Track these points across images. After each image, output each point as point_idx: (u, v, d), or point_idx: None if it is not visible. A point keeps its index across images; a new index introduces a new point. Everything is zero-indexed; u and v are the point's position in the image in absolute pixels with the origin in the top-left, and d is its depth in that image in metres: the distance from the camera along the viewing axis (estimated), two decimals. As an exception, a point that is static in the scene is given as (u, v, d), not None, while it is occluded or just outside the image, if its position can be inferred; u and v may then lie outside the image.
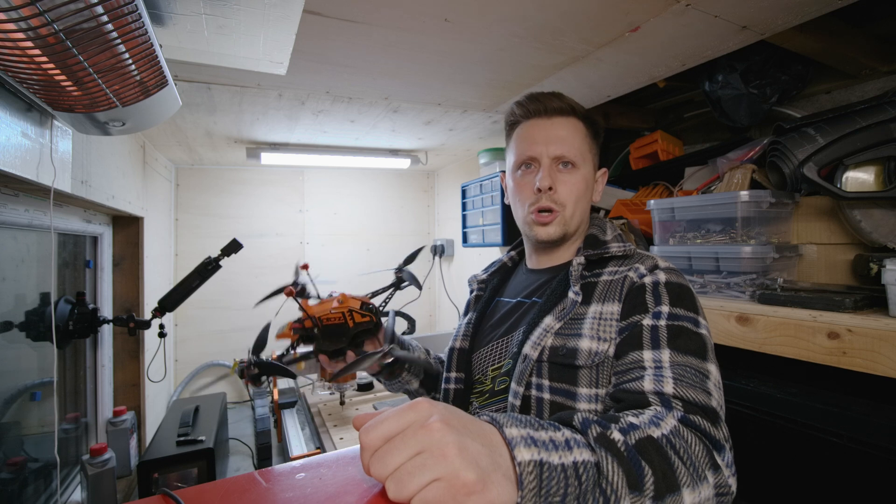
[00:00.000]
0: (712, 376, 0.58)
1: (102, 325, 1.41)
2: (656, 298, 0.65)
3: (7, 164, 0.78)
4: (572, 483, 0.40)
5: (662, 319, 0.63)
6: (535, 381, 0.69)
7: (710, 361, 0.60)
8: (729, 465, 0.49)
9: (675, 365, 0.58)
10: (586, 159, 0.79)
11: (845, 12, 0.99)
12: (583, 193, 0.79)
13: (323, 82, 1.34)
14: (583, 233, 0.83)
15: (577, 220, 0.80)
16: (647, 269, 0.70)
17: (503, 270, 0.96)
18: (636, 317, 0.65)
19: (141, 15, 0.64)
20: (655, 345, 0.61)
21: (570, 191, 0.77)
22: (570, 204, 0.77)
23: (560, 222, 0.78)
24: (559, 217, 0.77)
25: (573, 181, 0.77)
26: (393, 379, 0.90)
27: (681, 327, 0.62)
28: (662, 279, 0.68)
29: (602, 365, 0.64)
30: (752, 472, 1.01)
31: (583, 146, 0.79)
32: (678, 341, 0.60)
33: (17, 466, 1.14)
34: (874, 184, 1.01)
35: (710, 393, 0.56)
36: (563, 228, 0.78)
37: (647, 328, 0.63)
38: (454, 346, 0.86)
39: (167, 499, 0.39)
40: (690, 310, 0.65)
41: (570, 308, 0.70)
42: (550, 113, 0.78)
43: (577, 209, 0.78)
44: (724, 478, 0.48)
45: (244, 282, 2.67)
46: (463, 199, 2.52)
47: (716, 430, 0.51)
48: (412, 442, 0.37)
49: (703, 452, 0.48)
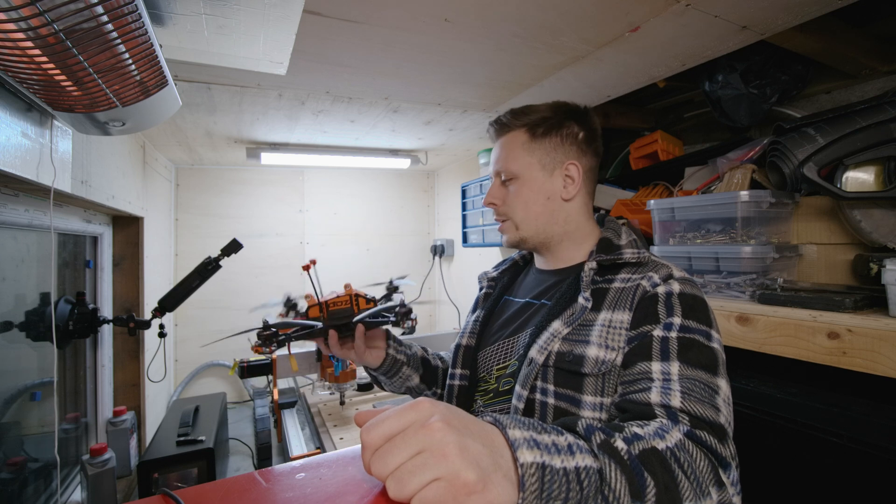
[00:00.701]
0: (722, 392, 0.57)
1: (102, 325, 1.41)
2: (668, 309, 0.64)
3: (7, 164, 0.78)
4: (574, 488, 0.40)
5: (674, 331, 0.61)
6: (539, 386, 0.68)
7: (721, 376, 0.59)
8: (734, 484, 0.49)
9: (684, 378, 0.57)
10: (529, 165, 0.79)
11: (845, 12, 0.99)
12: (529, 198, 0.79)
13: (323, 82, 1.33)
14: (584, 232, 0.81)
15: (534, 224, 0.80)
16: (660, 279, 0.68)
17: (514, 269, 0.96)
18: (647, 327, 0.63)
19: (141, 15, 0.64)
20: (665, 357, 0.59)
21: (514, 200, 0.81)
22: (518, 211, 0.81)
23: (509, 229, 0.83)
24: (508, 224, 0.83)
25: (514, 192, 0.81)
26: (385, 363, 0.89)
27: (692, 340, 0.61)
28: (676, 290, 0.66)
29: (609, 374, 0.63)
30: (753, 472, 1.01)
31: (521, 154, 0.79)
32: (688, 354, 0.59)
33: (17, 466, 1.14)
34: (874, 184, 1.01)
35: (719, 409, 0.55)
36: (517, 234, 0.82)
37: (658, 339, 0.61)
38: (461, 343, 0.86)
39: (167, 499, 0.39)
40: (703, 322, 0.63)
41: (580, 314, 0.69)
42: (498, 134, 0.84)
43: (528, 214, 0.80)
44: (728, 496, 0.47)
45: (244, 282, 2.67)
46: (463, 199, 2.53)
47: (722, 447, 0.51)
48: (413, 441, 0.37)
49: (708, 469, 0.47)
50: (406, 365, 0.91)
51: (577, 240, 0.81)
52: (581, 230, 0.81)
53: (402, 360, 0.90)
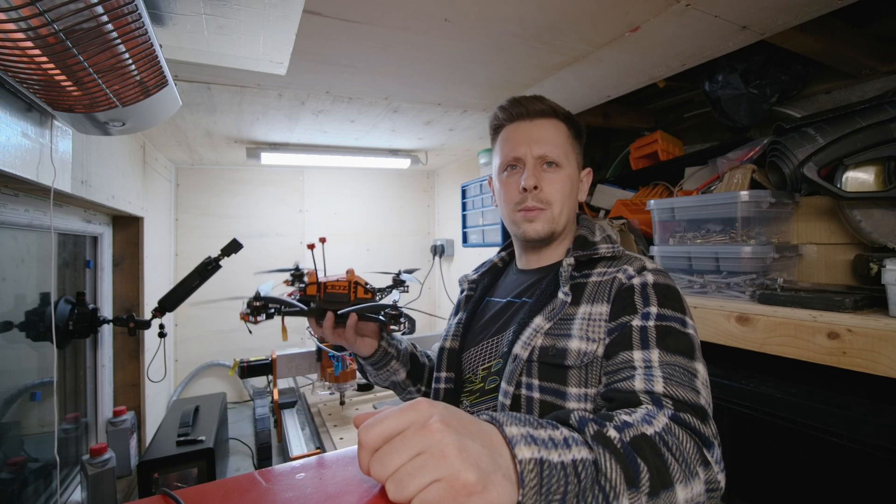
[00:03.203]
0: (700, 375, 0.60)
1: (102, 325, 1.41)
2: (645, 299, 0.67)
3: (7, 164, 0.78)
4: (572, 481, 0.40)
5: (651, 320, 0.64)
6: (524, 381, 0.69)
7: (698, 360, 0.62)
8: (718, 462, 0.50)
9: (665, 364, 0.59)
10: (570, 159, 0.80)
11: (845, 12, 0.99)
12: (569, 192, 0.80)
13: (323, 82, 1.33)
14: (570, 232, 0.84)
15: (565, 218, 0.81)
16: (635, 271, 0.71)
17: (494, 271, 0.96)
18: (625, 318, 0.66)
19: (141, 15, 0.64)
20: (645, 345, 0.62)
21: (556, 189, 0.78)
22: (557, 202, 0.78)
23: (548, 219, 0.79)
24: (547, 214, 0.78)
25: (558, 179, 0.78)
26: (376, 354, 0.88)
27: (669, 327, 0.63)
28: (650, 280, 0.69)
29: (591, 365, 0.65)
30: (753, 472, 1.01)
31: (566, 146, 0.80)
32: (667, 341, 0.61)
33: (17, 466, 1.14)
34: (874, 184, 1.01)
35: (699, 391, 0.57)
36: (551, 226, 0.79)
37: (637, 329, 0.64)
38: (444, 346, 0.86)
39: (167, 499, 0.39)
40: (678, 310, 0.66)
41: (560, 308, 0.71)
42: (533, 115, 0.80)
43: (564, 207, 0.80)
44: (714, 474, 0.49)
45: (244, 282, 2.66)
46: (463, 199, 2.53)
47: (705, 427, 0.52)
48: (412, 443, 0.37)
49: (694, 449, 0.49)
50: (395, 359, 0.90)
51: (561, 239, 0.84)
52: (568, 229, 0.84)
53: (392, 353, 0.90)
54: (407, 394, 0.95)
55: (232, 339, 2.62)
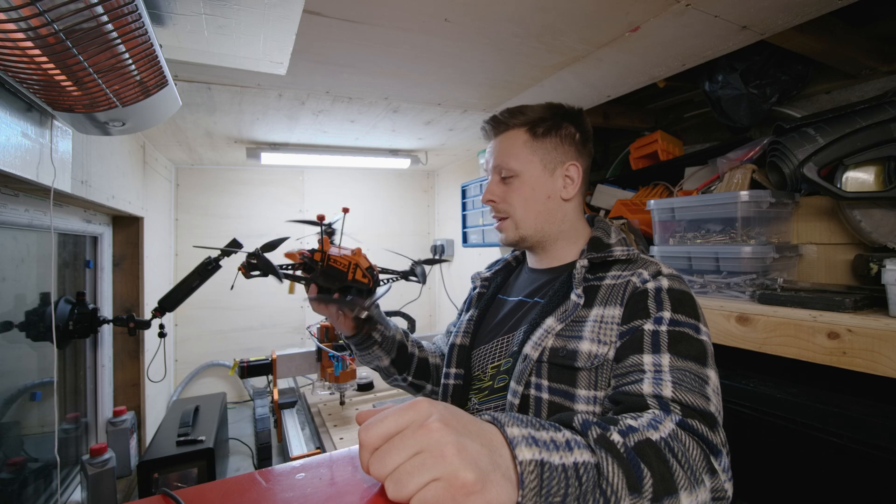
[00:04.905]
0: (711, 382, 0.59)
1: (102, 325, 1.41)
2: (658, 304, 0.66)
3: (7, 164, 0.78)
4: (573, 483, 0.40)
5: (664, 325, 0.63)
6: (534, 381, 0.69)
7: (710, 367, 0.61)
8: (725, 470, 0.50)
9: (675, 369, 0.58)
10: (531, 163, 0.79)
11: (845, 12, 0.99)
12: (529, 196, 0.80)
13: (323, 82, 1.33)
14: (575, 231, 0.83)
15: (533, 222, 0.80)
16: (650, 275, 0.70)
17: (507, 269, 0.96)
18: (637, 321, 0.65)
19: (141, 15, 0.64)
20: (656, 349, 0.61)
21: (514, 198, 0.81)
22: (518, 208, 0.81)
23: (510, 227, 0.82)
24: (508, 222, 0.82)
25: (514, 189, 0.81)
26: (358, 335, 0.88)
27: (681, 333, 0.62)
28: (665, 285, 0.68)
29: (601, 367, 0.65)
30: (753, 472, 1.01)
31: (523, 152, 0.80)
32: (679, 346, 0.61)
33: (17, 466, 1.14)
34: (874, 184, 1.01)
35: (709, 398, 0.56)
36: (517, 232, 0.82)
37: (648, 333, 0.63)
38: (454, 343, 0.86)
39: (167, 499, 0.39)
40: (692, 316, 0.65)
41: (572, 310, 0.71)
42: (496, 133, 0.84)
43: (528, 212, 0.80)
44: (721, 482, 0.48)
45: (244, 282, 2.66)
46: (463, 199, 2.53)
47: (713, 434, 0.52)
48: (411, 442, 0.37)
49: (701, 457, 0.48)
50: (378, 345, 0.89)
51: (570, 239, 0.83)
52: (575, 229, 0.83)
53: (375, 338, 0.89)
54: (392, 380, 0.96)
55: (232, 339, 2.62)
